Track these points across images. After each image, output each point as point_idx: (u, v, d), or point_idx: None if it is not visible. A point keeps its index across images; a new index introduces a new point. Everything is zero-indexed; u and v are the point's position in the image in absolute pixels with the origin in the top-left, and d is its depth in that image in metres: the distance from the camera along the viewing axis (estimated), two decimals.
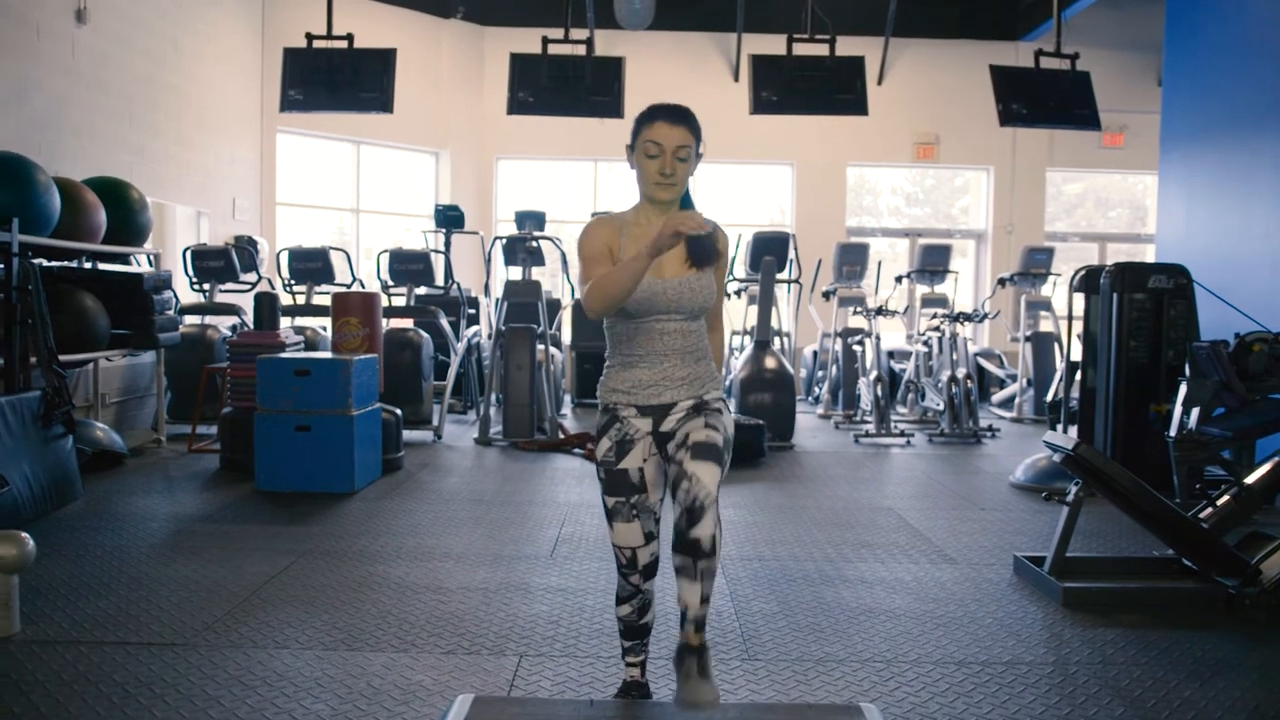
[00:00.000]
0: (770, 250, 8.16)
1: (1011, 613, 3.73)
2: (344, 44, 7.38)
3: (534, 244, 8.13)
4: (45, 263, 6.44)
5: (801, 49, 7.43)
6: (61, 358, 5.97)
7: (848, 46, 8.07)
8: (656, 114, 2.48)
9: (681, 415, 2.48)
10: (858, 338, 9.29)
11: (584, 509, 5.45)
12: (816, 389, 10.64)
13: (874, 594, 3.94)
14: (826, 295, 10.04)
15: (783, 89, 7.18)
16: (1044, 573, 4.01)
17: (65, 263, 6.60)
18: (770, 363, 7.88)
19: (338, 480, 5.71)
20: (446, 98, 11.79)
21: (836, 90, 7.16)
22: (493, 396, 8.30)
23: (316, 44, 7.43)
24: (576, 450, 7.41)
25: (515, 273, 8.53)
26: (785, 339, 9.69)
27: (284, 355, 6.05)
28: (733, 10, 10.80)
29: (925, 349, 9.40)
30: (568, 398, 10.10)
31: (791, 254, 8.72)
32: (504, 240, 8.49)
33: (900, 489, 6.28)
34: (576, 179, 12.73)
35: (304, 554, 4.41)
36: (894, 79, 11.96)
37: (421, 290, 8.97)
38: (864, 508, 5.60)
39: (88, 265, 6.82)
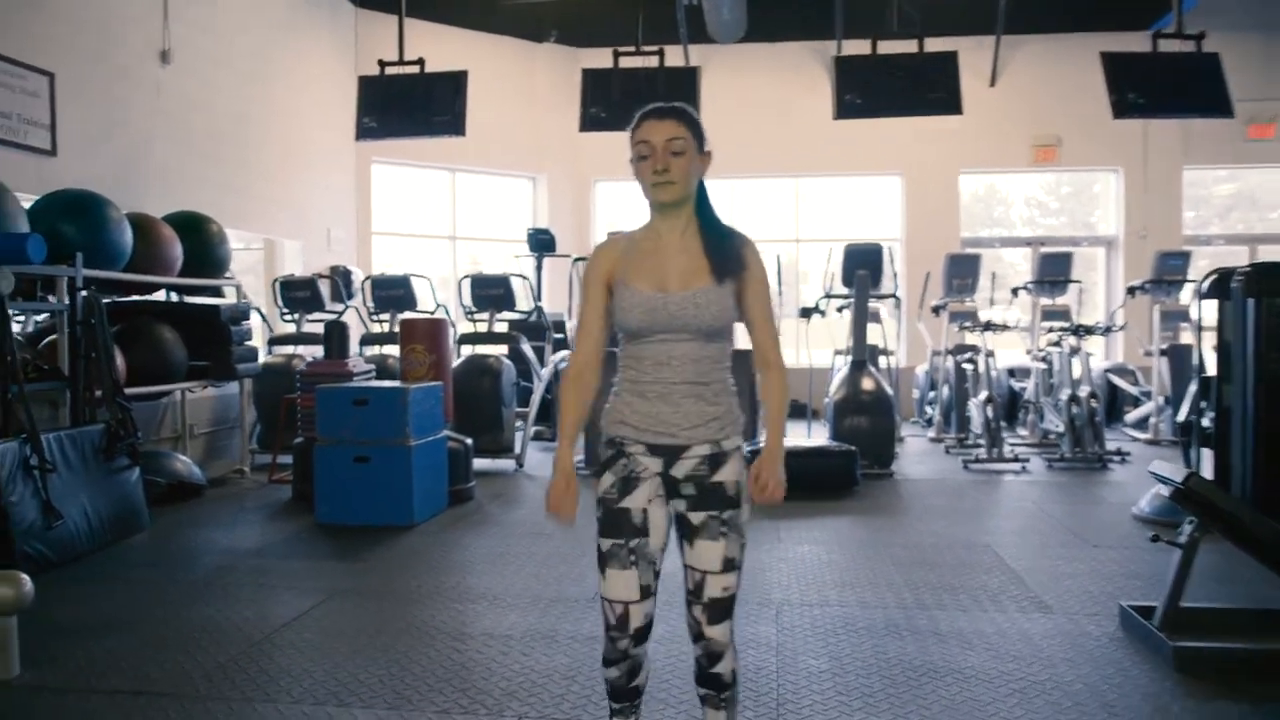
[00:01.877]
0: (864, 263, 7.63)
1: (1107, 676, 3.15)
2: (416, 69, 7.30)
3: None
4: (122, 297, 6.57)
5: (889, 47, 6.92)
6: (139, 389, 6.04)
7: (953, 48, 7.50)
8: (642, 116, 2.25)
9: (695, 464, 2.20)
10: (969, 355, 8.61)
11: None
12: (928, 410, 9.96)
13: (945, 649, 3.42)
14: (936, 310, 9.39)
15: (869, 91, 6.69)
16: (1153, 627, 3.41)
17: (146, 296, 6.69)
18: (868, 383, 7.34)
19: (396, 513, 5.52)
20: (542, 122, 11.71)
21: (928, 89, 6.62)
22: None
23: (391, 70, 7.39)
24: None
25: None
26: (890, 357, 9.08)
27: (344, 385, 5.93)
28: (830, 17, 10.31)
29: (1044, 366, 8.65)
30: None
31: (889, 267, 8.15)
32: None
33: (1004, 522, 5.66)
34: None
35: (337, 594, 4.19)
36: (1008, 79, 11.21)
37: (514, 315, 8.79)
38: (957, 544, 5.03)
39: (174, 298, 6.92)
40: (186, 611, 3.96)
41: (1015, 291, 9.28)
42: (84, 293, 5.25)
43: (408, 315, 8.24)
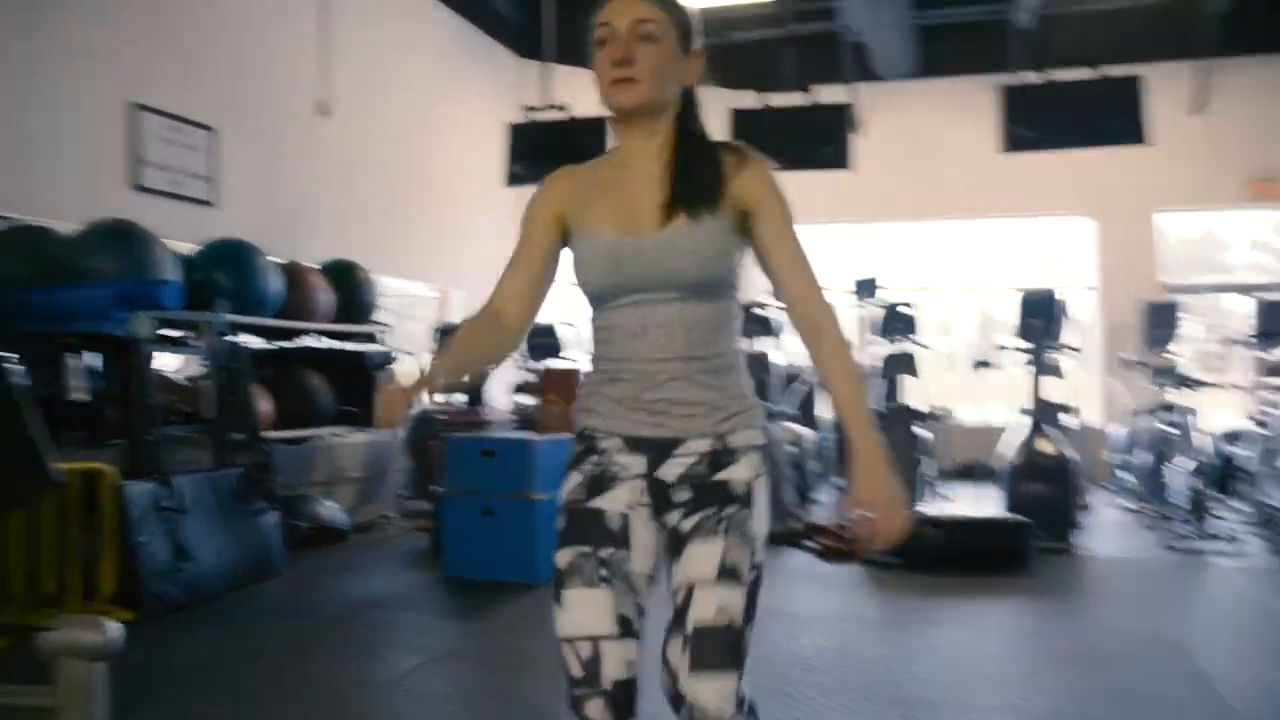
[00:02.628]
0: (1040, 312, 6.92)
1: None
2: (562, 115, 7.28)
3: (761, 312, 7.46)
4: (284, 342, 6.75)
5: (1063, 75, 6.29)
6: (285, 433, 6.16)
7: (1154, 74, 6.77)
8: None
9: (690, 463, 1.62)
10: (1171, 415, 7.65)
11: (783, 619, 4.63)
12: (1124, 476, 8.95)
13: None
14: (1132, 364, 8.44)
15: (1039, 121, 6.07)
16: None
17: (297, 342, 6.86)
18: (1046, 446, 6.60)
19: (521, 569, 5.30)
20: None
21: (1107, 118, 5.93)
22: None
23: (537, 116, 7.40)
24: (807, 543, 6.55)
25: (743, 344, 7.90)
26: (1076, 417, 8.21)
27: (473, 434, 5.82)
28: (1004, 46, 9.65)
29: (1264, 431, 7.56)
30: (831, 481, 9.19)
31: (1069, 315, 7.37)
32: None
33: (1203, 616, 4.85)
34: (847, 243, 11.94)
35: (440, 656, 4.00)
36: (1214, 107, 10.10)
37: None
38: (1140, 640, 4.30)
39: (332, 344, 7.06)
40: (287, 664, 3.86)
41: (1229, 344, 8.23)
42: (226, 338, 5.38)
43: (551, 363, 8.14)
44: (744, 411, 1.66)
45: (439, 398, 7.89)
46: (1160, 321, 8.43)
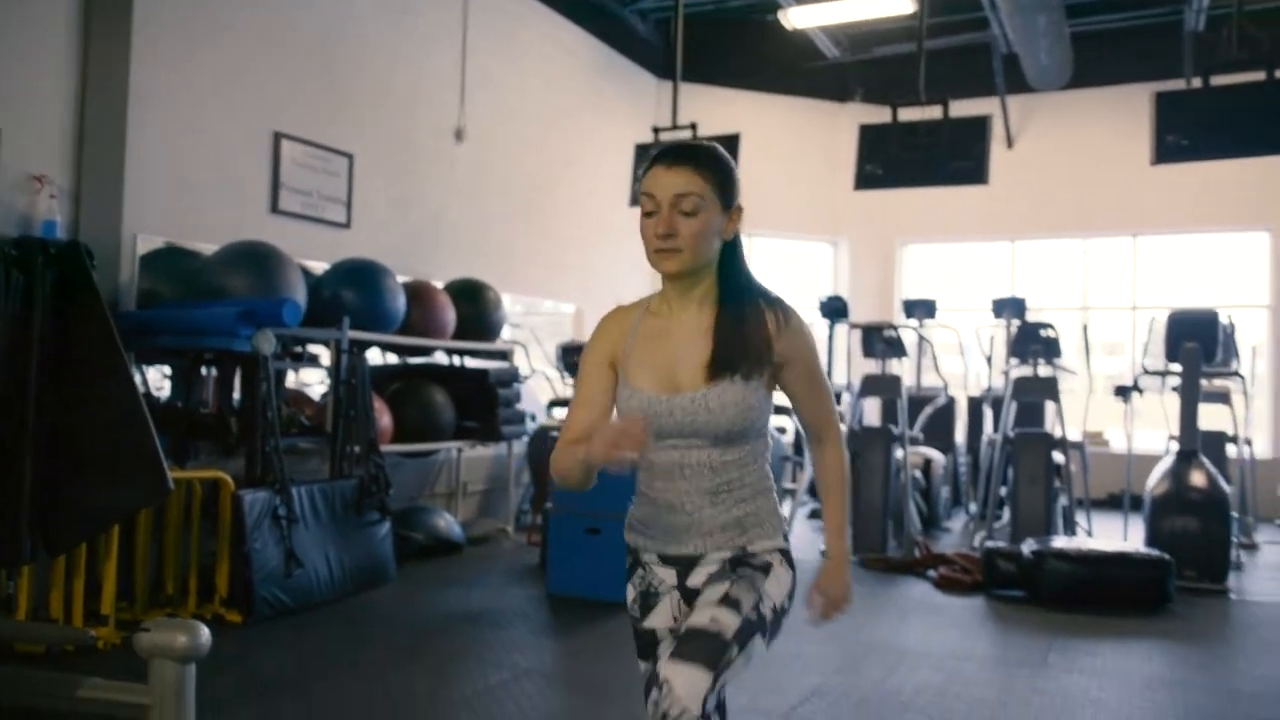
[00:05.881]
0: (1193, 334, 6.37)
1: None
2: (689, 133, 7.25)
3: (893, 334, 7.20)
4: (413, 358, 6.99)
5: (1225, 79, 5.76)
6: (408, 446, 6.35)
7: None
8: (652, 160, 1.86)
9: (713, 571, 1.88)
10: None
11: (887, 653, 4.41)
12: None
13: None
14: None
15: (1198, 128, 5.57)
16: None
17: (421, 358, 7.08)
18: (1197, 478, 6.07)
19: (622, 590, 5.25)
20: (845, 183, 11.25)
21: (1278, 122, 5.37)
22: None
23: (664, 135, 7.39)
24: (930, 573, 6.25)
25: (872, 365, 7.62)
26: (1241, 447, 7.53)
27: None
28: (1165, 53, 9.01)
29: None
30: (964, 509, 8.77)
31: (1229, 337, 6.77)
32: (860, 329, 7.68)
33: None
34: (991, 260, 11.40)
35: (524, 673, 4.00)
36: None
37: None
38: None
39: (458, 361, 7.27)
40: (373, 675, 3.95)
41: None
42: (346, 354, 5.58)
43: None
44: (762, 525, 1.87)
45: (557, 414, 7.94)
46: None
